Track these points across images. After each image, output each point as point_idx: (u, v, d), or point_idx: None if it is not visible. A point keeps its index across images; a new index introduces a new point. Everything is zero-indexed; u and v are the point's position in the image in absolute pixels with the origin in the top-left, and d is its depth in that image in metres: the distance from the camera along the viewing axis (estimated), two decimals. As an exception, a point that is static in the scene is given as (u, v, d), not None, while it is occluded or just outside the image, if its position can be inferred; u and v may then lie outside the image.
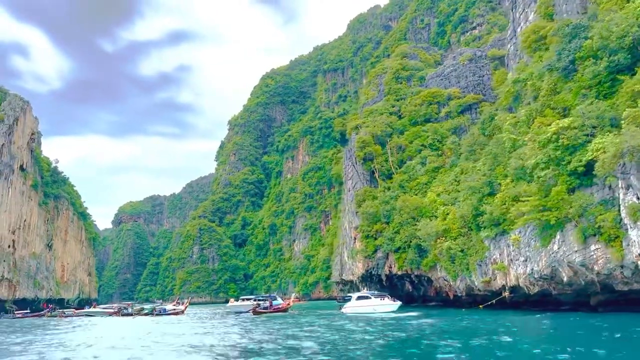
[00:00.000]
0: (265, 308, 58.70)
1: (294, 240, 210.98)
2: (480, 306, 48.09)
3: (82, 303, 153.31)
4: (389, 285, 67.06)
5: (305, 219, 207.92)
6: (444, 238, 52.12)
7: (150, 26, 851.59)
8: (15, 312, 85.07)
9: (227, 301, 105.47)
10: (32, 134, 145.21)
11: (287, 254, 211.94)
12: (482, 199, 48.17)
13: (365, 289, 59.58)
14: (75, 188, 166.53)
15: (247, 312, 59.25)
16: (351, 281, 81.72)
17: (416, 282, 63.44)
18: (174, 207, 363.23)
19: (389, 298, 51.33)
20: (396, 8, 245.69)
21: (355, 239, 71.51)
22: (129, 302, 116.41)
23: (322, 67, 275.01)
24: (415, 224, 58.51)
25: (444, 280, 55.28)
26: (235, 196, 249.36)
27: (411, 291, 65.62)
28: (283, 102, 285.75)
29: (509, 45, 65.34)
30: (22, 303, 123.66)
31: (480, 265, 47.92)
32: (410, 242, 58.63)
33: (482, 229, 47.33)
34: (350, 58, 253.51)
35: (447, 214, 54.84)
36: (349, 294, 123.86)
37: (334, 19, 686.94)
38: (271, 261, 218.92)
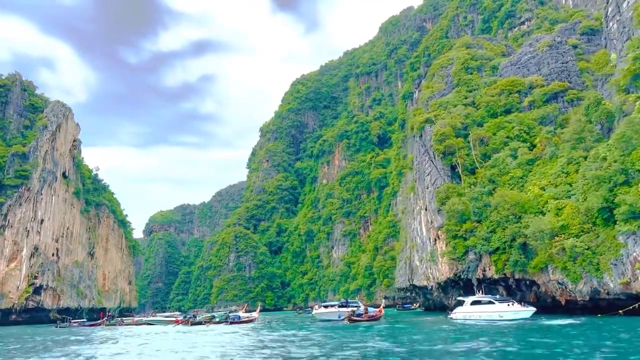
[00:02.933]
0: (359, 315, 53.42)
1: (333, 247, 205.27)
2: (621, 311, 41.72)
3: (123, 312, 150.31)
4: (478, 291, 60.82)
5: (344, 225, 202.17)
6: (563, 235, 45.93)
7: (173, 37, 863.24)
8: (72, 322, 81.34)
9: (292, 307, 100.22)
10: (74, 140, 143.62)
11: (325, 261, 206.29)
12: (613, 189, 42.02)
13: (480, 292, 53.44)
14: (115, 195, 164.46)
15: (341, 319, 54.02)
16: (425, 287, 75.66)
17: (513, 286, 57.21)
18: (204, 215, 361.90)
19: (516, 303, 45.28)
20: (431, 9, 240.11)
21: (435, 240, 65.64)
22: (196, 310, 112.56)
23: (354, 71, 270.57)
24: (518, 222, 52.42)
25: (558, 283, 48.96)
26: (270, 203, 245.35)
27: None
28: (314, 108, 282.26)
29: (610, 24, 59.17)
30: (65, 312, 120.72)
31: (616, 265, 41.65)
32: (513, 241, 52.55)
33: (617, 223, 41.12)
34: (384, 61, 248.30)
35: (560, 208, 48.70)
36: (407, 303, 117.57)
37: (356, 26, 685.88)
38: (308, 268, 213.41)
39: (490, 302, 46.27)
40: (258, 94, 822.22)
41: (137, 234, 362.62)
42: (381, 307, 58.66)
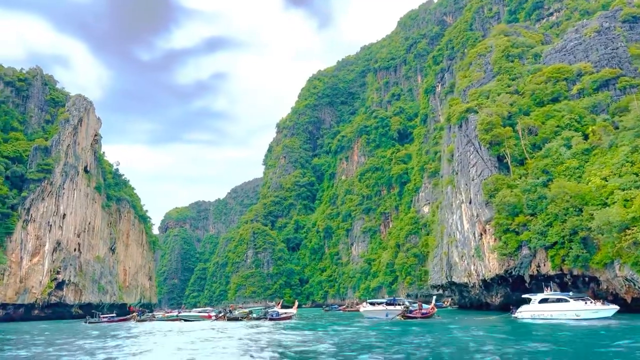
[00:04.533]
0: (411, 312, 50.70)
1: (352, 244, 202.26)
2: None
3: (144, 308, 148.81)
4: (528, 289, 57.58)
5: (364, 222, 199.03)
6: (635, 228, 42.63)
7: (186, 34, 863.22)
8: (101, 316, 79.42)
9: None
10: (95, 135, 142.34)
11: (345, 258, 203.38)
12: (695, 177, 38.68)
13: (549, 289, 50.21)
14: (135, 191, 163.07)
15: (389, 318, 51.35)
16: (464, 284, 72.48)
17: (569, 283, 53.90)
18: (219, 212, 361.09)
19: (593, 300, 42.08)
20: (451, 2, 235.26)
21: (482, 235, 62.45)
22: (232, 305, 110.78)
23: (371, 66, 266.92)
24: (579, 214, 49.12)
25: (625, 280, 45.66)
26: (287, 199, 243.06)
27: (557, 294, 55.86)
28: (331, 104, 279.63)
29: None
30: (87, 308, 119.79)
31: (701, 260, 38.34)
32: (574, 235, 49.24)
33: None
34: (403, 55, 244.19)
35: (628, 199, 45.37)
36: (438, 301, 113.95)
37: (370, 22, 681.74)
38: (327, 265, 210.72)
39: (562, 300, 43.00)
40: (270, 91, 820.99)
41: (153, 230, 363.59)
42: (432, 304, 55.93)
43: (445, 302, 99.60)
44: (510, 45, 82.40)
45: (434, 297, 62.74)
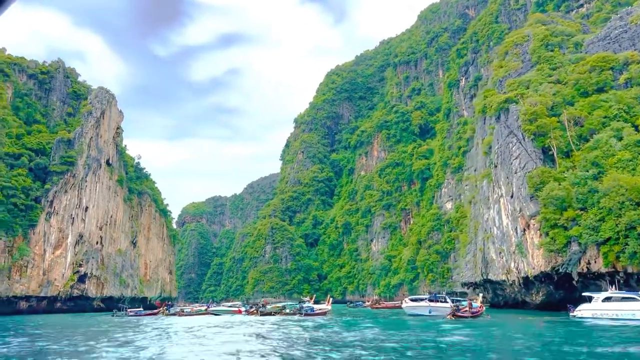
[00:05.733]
0: (458, 310, 48.38)
1: (372, 240, 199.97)
2: None
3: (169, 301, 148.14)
4: (573, 287, 54.82)
5: (384, 218, 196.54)
6: None
7: (200, 30, 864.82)
8: (128, 310, 78.28)
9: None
10: (117, 128, 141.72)
11: (364, 254, 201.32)
12: None
13: (614, 287, 47.47)
14: (156, 185, 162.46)
15: (432, 314, 49.23)
16: (501, 282, 69.77)
17: (621, 282, 51.07)
18: (235, 207, 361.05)
19: None
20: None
21: (525, 230, 59.71)
22: (265, 299, 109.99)
23: (391, 60, 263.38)
24: (637, 208, 46.26)
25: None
26: (305, 195, 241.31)
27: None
28: (350, 99, 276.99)
29: None
30: (108, 301, 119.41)
31: None
32: (631, 230, 46.40)
33: None
34: (424, 49, 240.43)
35: (693, 193, 42.46)
36: (482, 301, 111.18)
37: (386, 16, 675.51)
38: (346, 261, 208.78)
39: (631, 299, 40.33)
40: (285, 86, 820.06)
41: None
42: (480, 302, 53.49)
43: (476, 300, 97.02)
44: (549, 34, 79.06)
45: (481, 295, 60.15)
